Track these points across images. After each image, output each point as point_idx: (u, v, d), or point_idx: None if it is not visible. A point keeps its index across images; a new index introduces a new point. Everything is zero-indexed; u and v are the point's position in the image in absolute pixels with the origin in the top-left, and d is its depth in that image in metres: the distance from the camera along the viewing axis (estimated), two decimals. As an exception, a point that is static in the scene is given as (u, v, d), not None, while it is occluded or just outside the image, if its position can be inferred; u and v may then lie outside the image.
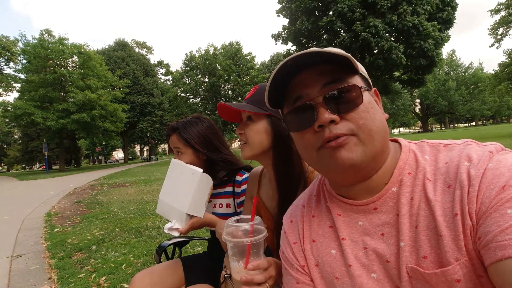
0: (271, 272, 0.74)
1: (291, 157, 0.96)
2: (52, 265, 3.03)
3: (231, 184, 1.37)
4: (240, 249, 0.73)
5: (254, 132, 0.98)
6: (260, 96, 0.99)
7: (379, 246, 0.55)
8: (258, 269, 0.72)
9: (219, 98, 32.43)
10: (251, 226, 0.74)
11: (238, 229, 0.75)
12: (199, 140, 1.37)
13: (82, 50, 25.39)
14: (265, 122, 0.99)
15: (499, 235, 0.41)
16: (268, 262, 0.74)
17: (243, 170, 1.37)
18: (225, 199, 1.38)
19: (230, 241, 0.72)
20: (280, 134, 0.97)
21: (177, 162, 1.27)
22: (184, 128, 1.38)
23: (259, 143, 0.98)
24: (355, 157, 0.52)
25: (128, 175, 14.66)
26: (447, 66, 63.70)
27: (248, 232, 0.73)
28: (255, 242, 0.72)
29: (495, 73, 23.47)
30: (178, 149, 1.38)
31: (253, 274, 0.71)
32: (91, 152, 53.49)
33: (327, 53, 0.51)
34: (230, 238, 0.72)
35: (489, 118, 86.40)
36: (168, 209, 1.25)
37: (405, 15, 18.59)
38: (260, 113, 0.97)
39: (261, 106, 0.98)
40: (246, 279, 0.70)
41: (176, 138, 1.38)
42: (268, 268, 0.74)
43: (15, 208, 6.92)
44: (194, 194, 1.16)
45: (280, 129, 0.97)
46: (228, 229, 0.75)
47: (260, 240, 0.73)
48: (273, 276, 0.74)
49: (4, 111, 23.49)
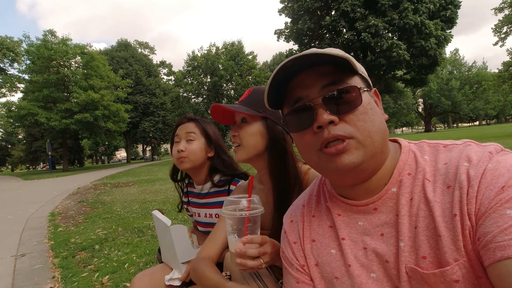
0: (266, 249, 0.75)
1: (286, 159, 0.95)
2: (55, 264, 3.05)
3: (225, 194, 1.36)
4: (237, 223, 0.75)
5: (249, 134, 0.97)
6: (254, 98, 0.99)
7: (379, 246, 0.55)
8: (252, 243, 0.74)
9: (221, 98, 32.43)
10: (248, 202, 0.76)
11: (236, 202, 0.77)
12: (214, 134, 1.43)
13: (85, 50, 25.56)
14: (260, 124, 0.97)
15: (499, 236, 0.41)
16: (263, 239, 0.76)
17: (236, 179, 1.36)
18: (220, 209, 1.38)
19: (227, 214, 0.75)
20: (275, 137, 0.96)
21: (154, 214, 1.33)
22: (202, 121, 1.44)
23: (253, 146, 0.97)
24: (356, 160, 0.52)
25: (131, 175, 14.73)
26: (450, 65, 63.28)
27: (245, 207, 0.76)
28: (252, 215, 0.74)
29: (499, 72, 23.29)
30: (192, 135, 1.38)
31: (247, 247, 0.73)
32: (94, 152, 53.82)
33: (326, 54, 0.51)
34: (228, 212, 0.75)
35: (493, 118, 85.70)
36: (167, 258, 1.35)
37: (406, 13, 18.49)
38: (256, 115, 0.96)
39: (256, 108, 0.97)
40: (240, 251, 0.72)
41: (193, 125, 1.40)
42: (263, 244, 0.75)
43: (19, 207, 6.98)
44: (177, 245, 1.20)
45: (275, 132, 0.96)
46: (227, 205, 0.78)
47: (256, 214, 0.75)
48: (268, 253, 0.75)
49: (8, 112, 23.69)
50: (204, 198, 1.44)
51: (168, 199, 6.39)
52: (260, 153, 0.98)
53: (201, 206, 1.46)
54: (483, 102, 60.24)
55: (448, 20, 20.66)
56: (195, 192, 1.50)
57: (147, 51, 48.40)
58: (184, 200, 1.59)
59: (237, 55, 32.34)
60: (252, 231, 0.76)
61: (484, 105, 60.94)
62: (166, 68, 39.44)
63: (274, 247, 0.78)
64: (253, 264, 0.73)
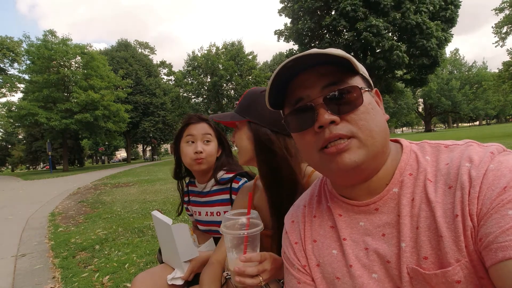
0: (265, 266, 0.75)
1: (276, 161, 0.93)
2: (56, 264, 3.05)
3: (227, 191, 1.37)
4: (236, 241, 0.75)
5: (238, 138, 1.02)
6: (245, 102, 1.01)
7: (380, 246, 0.55)
8: (251, 262, 0.73)
9: (221, 98, 32.44)
10: (247, 219, 0.76)
11: (235, 222, 0.76)
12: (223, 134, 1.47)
13: (85, 50, 25.55)
14: (246, 128, 0.99)
15: (500, 236, 0.41)
16: (262, 256, 0.75)
17: (238, 177, 1.36)
18: (222, 206, 1.38)
19: (226, 233, 0.74)
20: (259, 139, 0.96)
21: (154, 215, 1.32)
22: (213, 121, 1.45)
23: (244, 149, 1.00)
24: (357, 159, 0.52)
25: (131, 175, 14.73)
26: (450, 65, 63.29)
27: (244, 225, 0.75)
28: (251, 234, 0.74)
29: (499, 72, 23.30)
30: (209, 136, 1.40)
31: (246, 266, 0.72)
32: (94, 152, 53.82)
33: (327, 54, 0.51)
34: (227, 230, 0.74)
35: (493, 118, 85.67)
36: (168, 258, 1.35)
37: (408, 13, 18.51)
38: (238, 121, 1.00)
39: (243, 112, 0.99)
40: (238, 270, 0.72)
41: (207, 126, 1.42)
42: (262, 261, 0.75)
43: (20, 207, 6.98)
44: (178, 244, 1.20)
45: (259, 134, 0.96)
46: (226, 222, 0.77)
47: (255, 233, 0.75)
48: (267, 270, 0.75)
49: (9, 112, 23.71)
50: (206, 197, 1.44)
51: (168, 199, 6.39)
52: (252, 156, 1.01)
53: (202, 204, 1.46)
54: (483, 102, 60.20)
55: (449, 20, 20.69)
56: (196, 191, 1.50)
57: (147, 51, 48.43)
58: (185, 199, 1.59)
59: (237, 55, 32.35)
60: (251, 248, 0.75)
61: (484, 105, 60.91)
62: (166, 68, 39.45)
63: (274, 262, 0.78)
64: (251, 282, 0.73)
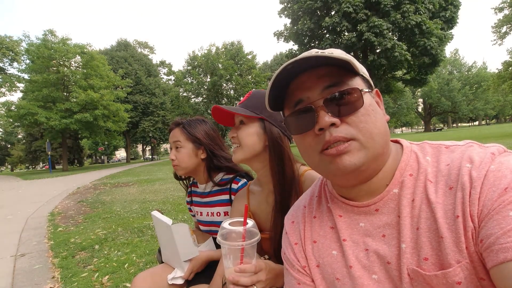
0: (260, 277, 0.75)
1: (284, 160, 0.98)
2: (55, 264, 3.04)
3: (227, 192, 1.37)
4: (232, 251, 0.75)
5: (246, 134, 1.00)
6: (253, 101, 1.02)
7: (380, 247, 0.55)
8: (245, 273, 0.74)
9: (221, 97, 32.42)
10: (244, 230, 0.75)
11: (231, 232, 0.76)
12: (202, 135, 1.39)
13: (85, 50, 25.54)
14: (257, 125, 1.01)
15: (501, 237, 0.41)
16: (257, 267, 0.75)
17: (238, 177, 1.36)
18: (222, 207, 1.38)
19: (223, 244, 0.74)
20: (273, 138, 0.99)
21: (153, 215, 1.32)
22: (189, 124, 1.41)
23: (251, 146, 1.00)
24: (358, 161, 0.52)
25: (131, 175, 14.72)
26: (450, 65, 63.34)
27: (241, 234, 0.75)
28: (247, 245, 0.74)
29: (498, 72, 23.33)
30: (178, 143, 1.37)
31: (240, 276, 0.73)
32: (94, 151, 53.77)
33: (327, 56, 0.51)
34: (224, 241, 0.74)
35: (493, 118, 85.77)
36: (168, 258, 1.34)
37: (408, 13, 18.54)
38: (252, 116, 0.99)
39: (254, 110, 1.00)
40: (232, 280, 0.72)
41: (178, 131, 1.39)
42: (257, 272, 0.75)
43: (19, 207, 6.97)
44: (179, 244, 1.20)
45: (273, 133, 0.99)
46: (222, 231, 0.77)
47: (252, 244, 0.74)
48: (262, 281, 0.76)
49: (8, 111, 23.67)
50: (207, 197, 1.45)
51: (168, 199, 6.39)
52: (257, 153, 1.01)
53: (203, 205, 1.46)
54: (483, 102, 60.28)
55: (449, 21, 20.72)
56: (198, 192, 1.51)
57: (147, 51, 48.43)
58: (188, 200, 1.60)
59: (237, 54, 32.35)
60: (248, 258, 0.75)
61: (483, 105, 60.97)
62: (166, 68, 39.48)
63: (270, 273, 0.78)
64: None
